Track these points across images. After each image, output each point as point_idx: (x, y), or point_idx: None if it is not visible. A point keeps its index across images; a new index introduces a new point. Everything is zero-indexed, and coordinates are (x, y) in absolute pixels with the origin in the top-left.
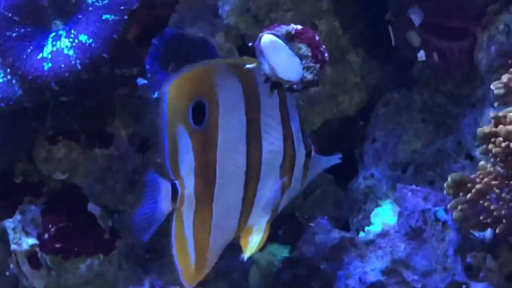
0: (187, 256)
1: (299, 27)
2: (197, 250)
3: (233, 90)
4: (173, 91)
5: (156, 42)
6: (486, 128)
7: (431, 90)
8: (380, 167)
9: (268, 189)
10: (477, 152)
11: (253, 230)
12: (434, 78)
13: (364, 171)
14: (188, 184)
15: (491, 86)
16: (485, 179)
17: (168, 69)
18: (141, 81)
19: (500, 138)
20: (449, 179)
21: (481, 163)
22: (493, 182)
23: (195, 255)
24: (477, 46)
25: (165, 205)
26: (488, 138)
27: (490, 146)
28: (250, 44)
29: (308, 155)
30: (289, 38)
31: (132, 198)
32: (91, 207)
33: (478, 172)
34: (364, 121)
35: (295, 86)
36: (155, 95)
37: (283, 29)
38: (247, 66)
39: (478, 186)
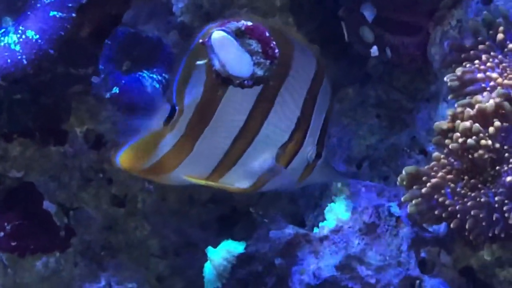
0: (144, 157)
1: (249, 23)
2: (158, 167)
3: None
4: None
5: (109, 41)
6: (444, 124)
7: (385, 86)
8: (335, 162)
9: (259, 160)
10: (431, 147)
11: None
12: (387, 73)
13: None
14: (187, 115)
15: (445, 79)
16: (440, 173)
17: (122, 69)
18: (96, 79)
19: (458, 134)
20: (403, 172)
21: (435, 153)
22: (448, 176)
23: (152, 166)
24: (430, 41)
25: (156, 122)
26: (445, 133)
27: (447, 141)
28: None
29: (317, 156)
30: (239, 34)
31: (87, 195)
32: (47, 205)
33: (432, 164)
34: None
35: (245, 82)
36: (108, 95)
37: (233, 25)
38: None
39: (433, 180)
